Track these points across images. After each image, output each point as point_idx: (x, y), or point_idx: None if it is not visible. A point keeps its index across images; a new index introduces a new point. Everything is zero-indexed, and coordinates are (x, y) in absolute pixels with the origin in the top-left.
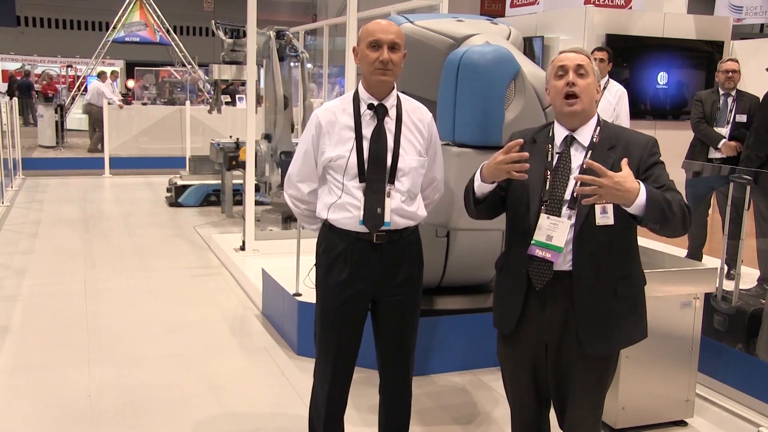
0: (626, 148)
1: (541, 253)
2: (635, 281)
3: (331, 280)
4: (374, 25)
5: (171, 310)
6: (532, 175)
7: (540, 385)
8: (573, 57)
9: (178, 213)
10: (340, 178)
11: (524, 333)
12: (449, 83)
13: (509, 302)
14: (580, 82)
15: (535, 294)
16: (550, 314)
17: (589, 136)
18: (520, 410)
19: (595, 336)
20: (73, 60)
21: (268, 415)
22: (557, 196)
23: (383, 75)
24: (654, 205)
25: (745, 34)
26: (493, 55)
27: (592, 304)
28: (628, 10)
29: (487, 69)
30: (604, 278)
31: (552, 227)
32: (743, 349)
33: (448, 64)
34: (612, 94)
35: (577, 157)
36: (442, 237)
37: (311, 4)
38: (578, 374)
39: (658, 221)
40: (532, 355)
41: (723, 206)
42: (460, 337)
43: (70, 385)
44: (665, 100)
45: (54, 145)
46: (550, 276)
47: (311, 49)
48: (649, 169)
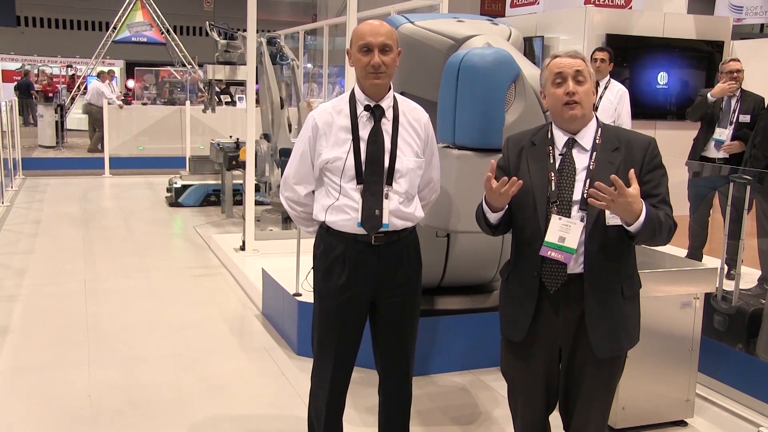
0: (628, 148)
1: (553, 255)
2: (636, 281)
3: (330, 282)
4: (364, 27)
5: (171, 310)
6: (534, 177)
7: (550, 392)
8: (570, 63)
9: (178, 213)
10: (338, 180)
11: (536, 340)
12: (450, 86)
13: (520, 308)
14: (580, 90)
15: (549, 298)
16: (564, 318)
17: (591, 138)
18: (529, 416)
19: (606, 338)
20: (73, 60)
21: (267, 415)
22: (566, 198)
23: (376, 79)
24: (648, 226)
25: (745, 34)
26: (494, 58)
27: (603, 306)
28: (628, 10)
29: (488, 72)
30: (614, 279)
31: (564, 228)
32: (743, 349)
33: (448, 66)
34: (613, 94)
35: (581, 159)
36: (442, 237)
37: (311, 4)
38: (589, 377)
39: (646, 241)
40: (545, 362)
41: (724, 206)
42: (460, 337)
43: (70, 385)
44: (665, 100)
45: (54, 145)
46: (564, 278)
47: (311, 49)
48: (650, 172)
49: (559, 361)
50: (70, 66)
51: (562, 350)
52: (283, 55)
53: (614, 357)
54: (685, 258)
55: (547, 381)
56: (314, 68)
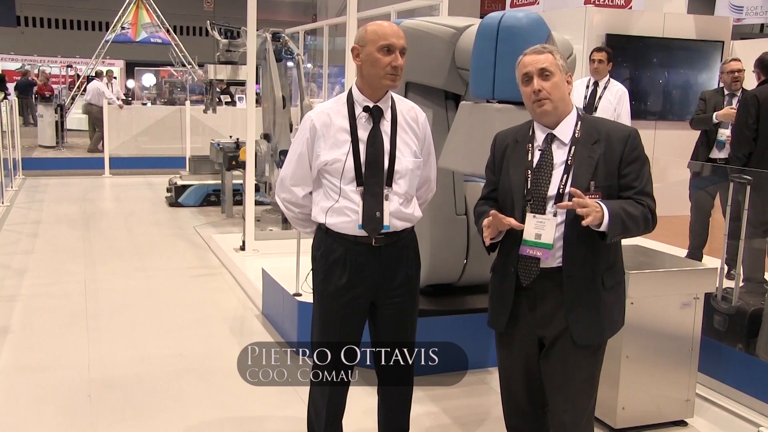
0: (608, 141)
1: (532, 252)
2: (618, 270)
3: (330, 284)
4: (386, 28)
5: (171, 310)
6: (514, 175)
7: (532, 381)
8: (534, 60)
9: (178, 213)
10: (337, 182)
11: (516, 331)
12: (488, 46)
13: (500, 301)
14: (546, 85)
15: (524, 291)
16: (541, 311)
17: (569, 131)
18: (513, 406)
19: (586, 328)
20: (73, 60)
21: (267, 415)
22: (540, 194)
23: (393, 81)
24: (616, 222)
25: (745, 34)
26: (528, 19)
27: (581, 298)
28: (628, 10)
29: (525, 30)
30: (593, 271)
31: (539, 225)
32: (743, 349)
33: (484, 29)
34: (612, 94)
35: (559, 154)
36: (461, 215)
37: (311, 4)
38: (569, 367)
39: (621, 236)
40: (524, 351)
41: (724, 206)
42: (460, 337)
43: (70, 385)
44: (665, 100)
45: (54, 145)
46: (536, 273)
47: (311, 48)
48: (630, 164)
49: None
50: (70, 66)
51: (543, 340)
52: (288, 50)
53: (595, 346)
54: (685, 258)
55: (526, 370)
56: (314, 68)
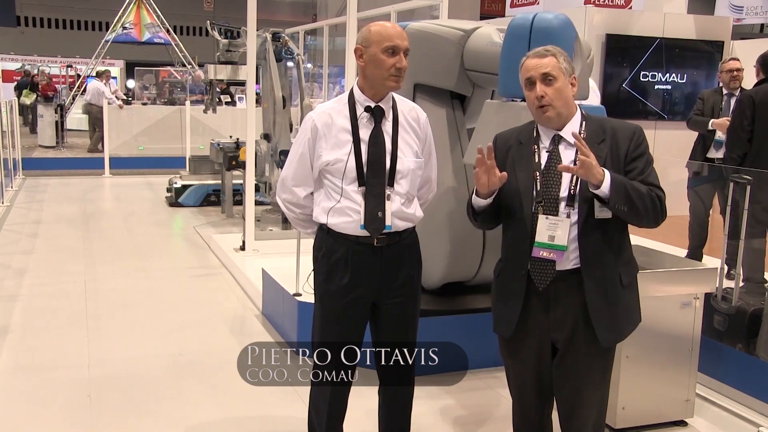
0: (614, 138)
1: (546, 254)
2: (633, 266)
3: (332, 285)
4: (390, 29)
5: (171, 310)
6: (521, 178)
7: (544, 386)
8: (536, 65)
9: (178, 213)
10: (339, 182)
11: (526, 335)
12: (520, 45)
13: (508, 305)
14: (549, 90)
15: (537, 295)
16: (555, 314)
17: (575, 132)
18: (523, 409)
19: (610, 329)
20: (73, 60)
21: (267, 415)
22: (552, 195)
23: (397, 82)
24: (620, 190)
25: (745, 34)
26: (559, 19)
27: (604, 298)
28: (628, 10)
29: (558, 30)
30: (611, 270)
31: (552, 227)
32: (743, 349)
33: (515, 28)
34: None
35: (567, 155)
36: None
37: (311, 4)
38: (585, 369)
39: (624, 203)
40: (536, 357)
41: (724, 206)
42: (460, 337)
43: (70, 384)
44: (665, 100)
45: (54, 145)
46: (552, 276)
47: (311, 48)
48: (635, 160)
49: (553, 356)
50: (70, 66)
51: (557, 343)
52: (289, 49)
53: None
54: (685, 258)
55: (538, 375)
56: (314, 68)
